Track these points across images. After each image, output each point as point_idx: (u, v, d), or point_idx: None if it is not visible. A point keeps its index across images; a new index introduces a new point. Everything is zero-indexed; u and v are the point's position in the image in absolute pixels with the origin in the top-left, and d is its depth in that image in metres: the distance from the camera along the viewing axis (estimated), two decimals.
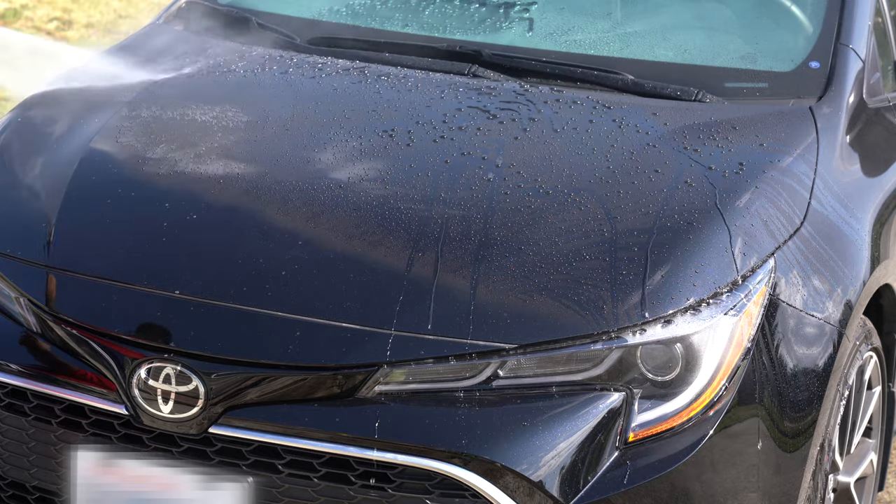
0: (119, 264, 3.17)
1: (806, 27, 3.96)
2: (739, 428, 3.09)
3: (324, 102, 3.68)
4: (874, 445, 3.79)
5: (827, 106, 3.68)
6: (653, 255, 3.10)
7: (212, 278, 3.10)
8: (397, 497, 2.95)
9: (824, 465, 3.33)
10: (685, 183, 3.30)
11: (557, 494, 2.94)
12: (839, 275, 3.38)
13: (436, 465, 2.92)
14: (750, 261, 3.17)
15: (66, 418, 3.13)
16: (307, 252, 3.14)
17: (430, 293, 3.03)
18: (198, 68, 3.85)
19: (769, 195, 3.33)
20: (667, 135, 3.50)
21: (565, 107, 3.61)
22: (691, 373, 3.04)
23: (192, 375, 3.01)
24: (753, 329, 3.11)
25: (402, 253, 3.11)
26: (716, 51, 3.90)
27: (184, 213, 3.25)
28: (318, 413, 2.98)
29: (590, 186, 3.29)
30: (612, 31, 3.99)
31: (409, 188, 3.29)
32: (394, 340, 2.98)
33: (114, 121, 3.59)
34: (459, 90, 3.68)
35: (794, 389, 3.19)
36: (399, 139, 3.46)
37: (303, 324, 3.02)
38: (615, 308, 3.01)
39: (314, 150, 3.46)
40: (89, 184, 3.39)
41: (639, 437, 3.00)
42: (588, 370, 3.01)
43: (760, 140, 3.52)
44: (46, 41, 7.89)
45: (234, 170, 3.37)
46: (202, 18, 4.18)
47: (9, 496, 3.24)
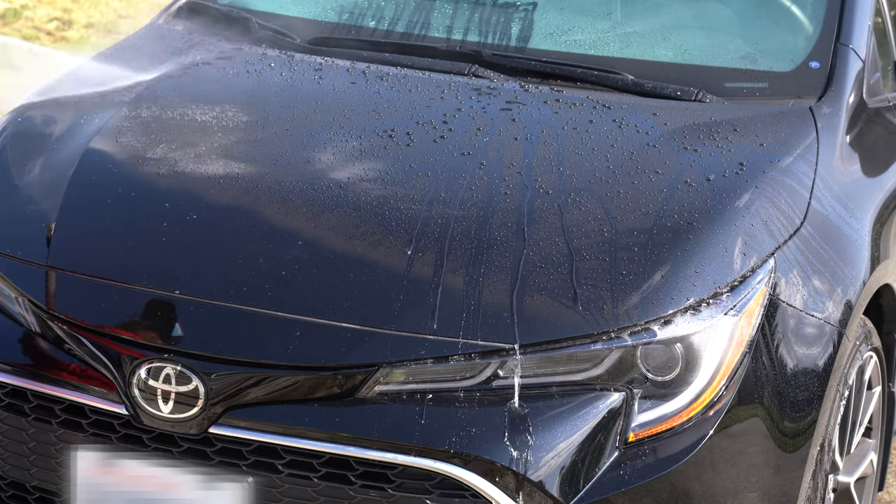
0: (119, 264, 3.17)
1: (806, 27, 3.96)
2: (739, 428, 3.09)
3: (324, 102, 3.68)
4: (874, 445, 3.79)
5: (827, 106, 3.68)
6: (653, 256, 3.10)
7: (212, 278, 3.10)
8: (397, 497, 2.95)
9: (824, 465, 3.33)
10: (685, 183, 3.31)
11: (557, 494, 2.94)
12: (839, 275, 3.38)
13: (436, 465, 2.92)
14: (750, 261, 3.17)
15: (66, 418, 3.13)
16: (307, 252, 3.14)
17: (430, 293, 3.03)
18: (197, 68, 3.85)
19: (769, 195, 3.33)
20: (667, 135, 3.50)
21: (565, 107, 3.61)
22: (691, 373, 3.04)
23: (192, 375, 3.01)
24: (753, 329, 3.11)
25: (402, 253, 3.11)
26: (716, 51, 3.90)
27: (184, 213, 3.25)
28: (318, 413, 2.98)
29: (590, 186, 3.29)
30: (612, 31, 3.99)
31: (409, 188, 3.29)
32: (394, 340, 2.98)
33: (114, 121, 3.59)
34: (459, 90, 3.68)
35: (794, 389, 3.19)
36: (399, 139, 3.46)
37: (303, 324, 3.02)
38: (615, 308, 3.01)
39: (314, 150, 3.46)
40: (89, 184, 3.39)
41: (639, 437, 3.00)
42: (588, 370, 3.01)
43: (760, 140, 3.52)
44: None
45: (234, 170, 3.37)
46: (202, 18, 4.18)
47: (9, 496, 3.24)
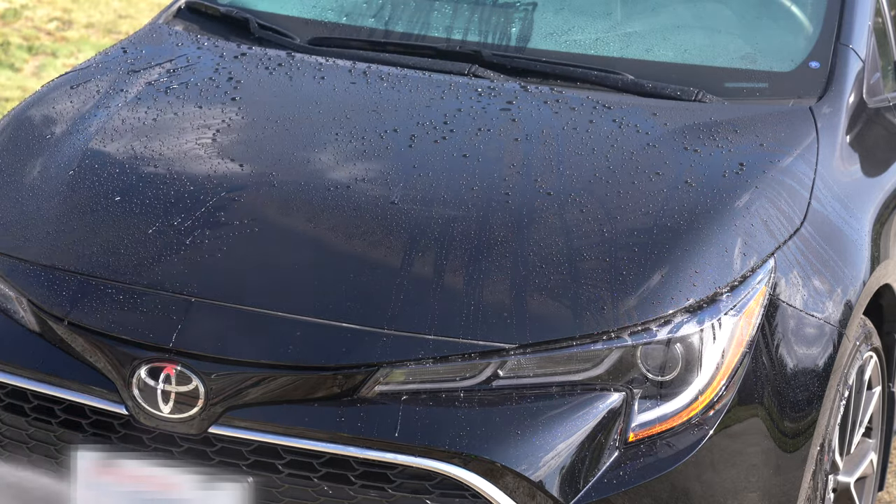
0: (119, 264, 3.17)
1: (806, 27, 3.96)
2: (739, 428, 3.09)
3: (324, 103, 3.68)
4: (874, 445, 3.79)
5: (827, 106, 3.68)
6: (653, 256, 3.10)
7: (212, 278, 3.10)
8: (397, 497, 2.95)
9: (824, 465, 3.33)
10: (685, 183, 3.31)
11: (557, 494, 2.94)
12: (839, 275, 3.38)
13: (436, 465, 2.92)
14: (750, 261, 3.17)
15: (66, 418, 3.13)
16: (307, 252, 3.15)
17: (430, 293, 3.03)
18: (198, 68, 3.85)
19: (769, 195, 3.33)
20: (667, 135, 3.50)
21: (565, 107, 3.61)
22: (691, 373, 3.04)
23: (192, 375, 3.01)
24: (753, 329, 3.11)
25: (402, 253, 3.11)
26: (716, 51, 3.90)
27: (184, 214, 3.25)
28: (318, 413, 2.98)
29: (590, 186, 3.29)
30: (612, 31, 3.99)
31: (409, 188, 3.29)
32: (394, 340, 2.98)
33: (114, 121, 3.59)
34: (460, 91, 3.68)
35: (794, 389, 3.19)
36: (399, 140, 3.46)
37: (303, 324, 3.02)
38: (615, 308, 3.01)
39: (314, 150, 3.46)
40: (89, 184, 3.39)
41: (639, 437, 3.00)
42: (588, 370, 3.01)
43: (760, 140, 3.52)
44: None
45: (234, 170, 3.37)
46: (202, 19, 4.18)
47: None
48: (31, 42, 8.40)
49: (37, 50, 8.28)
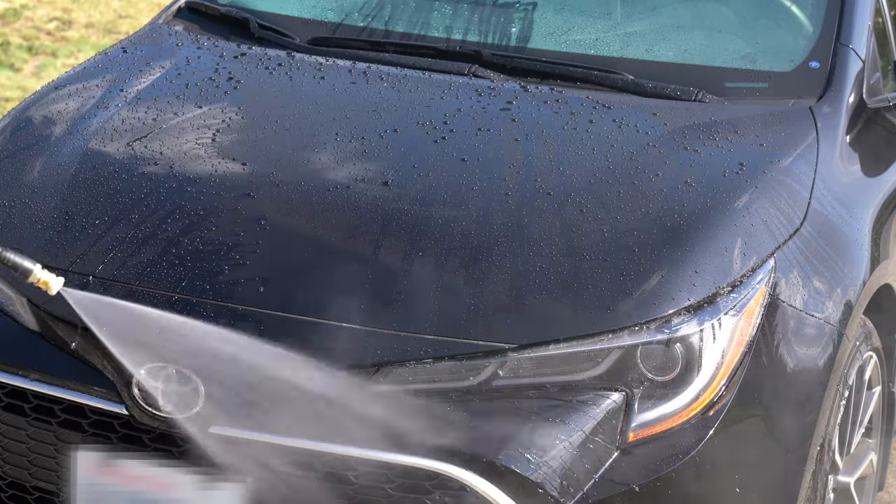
0: (118, 264, 3.17)
1: (806, 27, 3.96)
2: (739, 428, 3.09)
3: (324, 103, 3.68)
4: (874, 445, 3.79)
5: (827, 106, 3.68)
6: (653, 255, 3.10)
7: (212, 278, 3.10)
8: (397, 497, 2.95)
9: (824, 465, 3.33)
10: (685, 183, 3.31)
11: (557, 494, 2.93)
12: (839, 275, 3.38)
13: (436, 465, 2.92)
14: (750, 261, 3.17)
15: (66, 418, 3.13)
16: (307, 252, 3.15)
17: (431, 293, 3.03)
18: (198, 69, 3.85)
19: (769, 195, 3.33)
20: (667, 135, 3.50)
21: (565, 107, 3.61)
22: (691, 373, 3.04)
23: (192, 375, 3.01)
24: (753, 329, 3.11)
25: (402, 253, 3.11)
26: (716, 51, 3.90)
27: (184, 214, 3.25)
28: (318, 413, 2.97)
29: (590, 187, 3.29)
30: (612, 31, 3.99)
31: (409, 188, 3.29)
32: (394, 340, 2.98)
33: (114, 121, 3.59)
34: (460, 91, 3.68)
35: (794, 389, 3.19)
36: (399, 140, 3.46)
37: (303, 324, 3.02)
38: (615, 308, 3.01)
39: (314, 150, 3.46)
40: (88, 184, 3.39)
41: (639, 437, 3.00)
42: (588, 370, 3.01)
43: (760, 140, 3.52)
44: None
45: (235, 170, 3.37)
46: (202, 19, 4.18)
47: (9, 496, 3.24)
48: (31, 42, 8.40)
49: (37, 50, 8.28)
